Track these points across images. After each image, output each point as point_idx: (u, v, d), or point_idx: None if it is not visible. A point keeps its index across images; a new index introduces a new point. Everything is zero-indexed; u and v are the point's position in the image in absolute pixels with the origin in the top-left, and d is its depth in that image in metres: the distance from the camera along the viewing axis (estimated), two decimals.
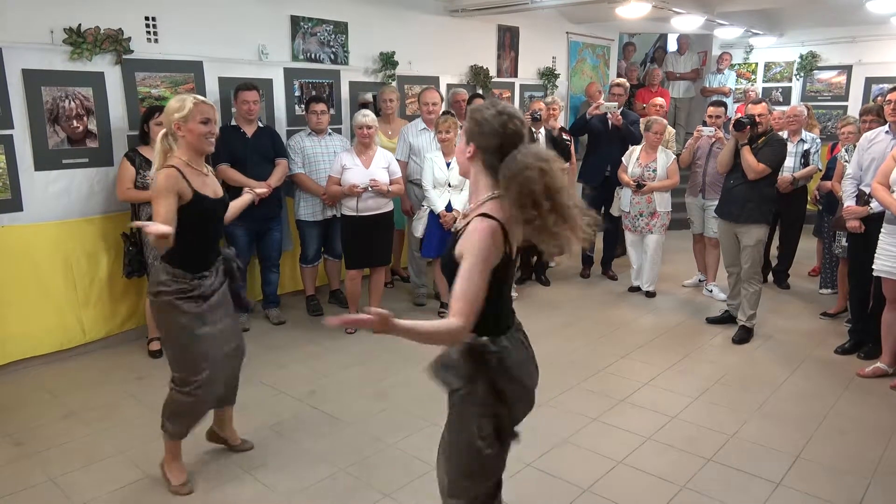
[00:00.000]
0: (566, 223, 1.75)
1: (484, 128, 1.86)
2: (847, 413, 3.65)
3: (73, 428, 3.50)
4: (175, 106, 2.70)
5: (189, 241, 2.70)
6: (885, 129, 4.20)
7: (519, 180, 1.73)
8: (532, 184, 1.71)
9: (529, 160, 1.74)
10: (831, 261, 5.58)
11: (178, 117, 2.68)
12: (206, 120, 2.71)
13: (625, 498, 2.87)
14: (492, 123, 1.84)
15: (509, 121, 1.85)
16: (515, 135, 1.85)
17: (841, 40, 8.73)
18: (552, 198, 1.72)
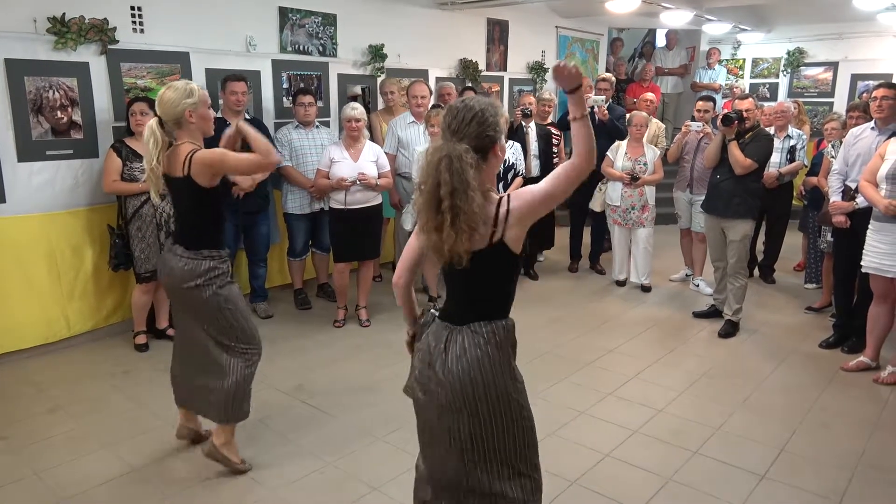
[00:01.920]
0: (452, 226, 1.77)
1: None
2: (831, 406, 3.70)
3: (59, 422, 3.47)
4: (181, 93, 2.71)
5: (216, 221, 2.87)
6: (871, 125, 4.24)
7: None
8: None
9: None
10: (816, 256, 5.63)
11: (191, 103, 2.73)
12: (210, 105, 2.84)
13: (612, 490, 2.89)
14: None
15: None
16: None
17: (827, 37, 8.80)
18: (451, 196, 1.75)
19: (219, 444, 2.94)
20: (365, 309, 4.96)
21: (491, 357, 1.89)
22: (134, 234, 4.27)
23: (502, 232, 1.84)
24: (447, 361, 1.90)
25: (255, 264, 5.10)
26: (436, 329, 1.97)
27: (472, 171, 1.77)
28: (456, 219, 1.76)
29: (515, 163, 5.34)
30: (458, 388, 1.89)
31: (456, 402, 1.90)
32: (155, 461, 3.10)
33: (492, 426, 1.92)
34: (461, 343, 1.90)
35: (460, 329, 1.91)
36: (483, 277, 1.92)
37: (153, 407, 3.60)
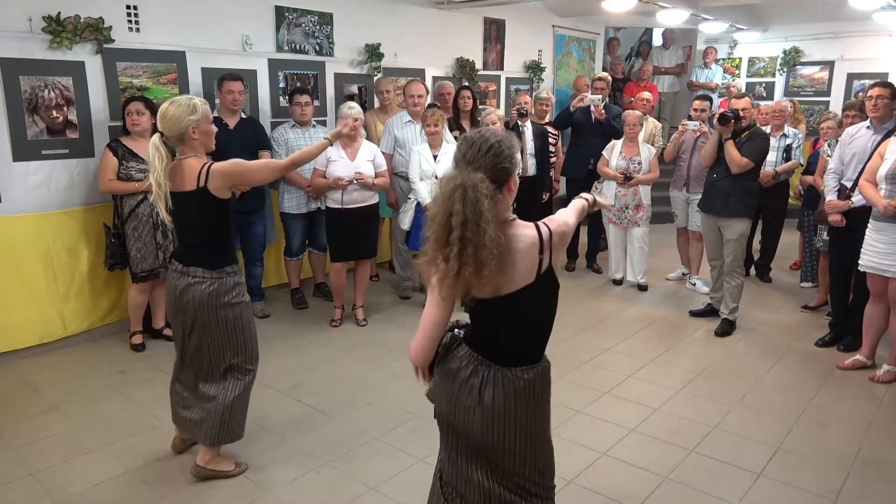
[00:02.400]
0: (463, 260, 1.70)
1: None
2: (827, 405, 3.70)
3: (55, 422, 3.46)
4: (185, 110, 2.70)
5: (230, 233, 2.88)
6: (867, 124, 4.25)
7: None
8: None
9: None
10: (812, 255, 5.64)
11: (194, 120, 2.71)
12: (212, 120, 2.83)
13: (608, 489, 2.89)
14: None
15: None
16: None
17: (824, 36, 8.81)
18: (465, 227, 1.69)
19: (204, 462, 2.93)
20: (362, 308, 4.95)
21: (532, 407, 1.92)
22: (130, 233, 4.26)
23: (549, 257, 1.82)
24: (482, 404, 1.86)
25: (252, 264, 5.09)
26: (467, 357, 1.91)
27: (487, 202, 1.69)
28: (463, 251, 1.68)
29: None
30: (490, 436, 1.87)
31: (486, 444, 1.89)
32: (152, 461, 3.10)
33: (522, 462, 1.94)
34: (501, 387, 1.87)
35: (496, 370, 1.87)
36: (531, 314, 1.89)
37: (150, 407, 3.59)
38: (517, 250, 1.79)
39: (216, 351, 2.87)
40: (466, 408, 1.88)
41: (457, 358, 1.92)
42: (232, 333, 2.86)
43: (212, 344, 2.86)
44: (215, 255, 2.82)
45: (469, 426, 1.89)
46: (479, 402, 1.86)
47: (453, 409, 1.91)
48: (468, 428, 1.89)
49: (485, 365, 1.88)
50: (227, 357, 2.89)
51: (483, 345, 1.91)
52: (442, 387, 1.93)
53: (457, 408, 1.90)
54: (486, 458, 1.92)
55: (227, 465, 2.98)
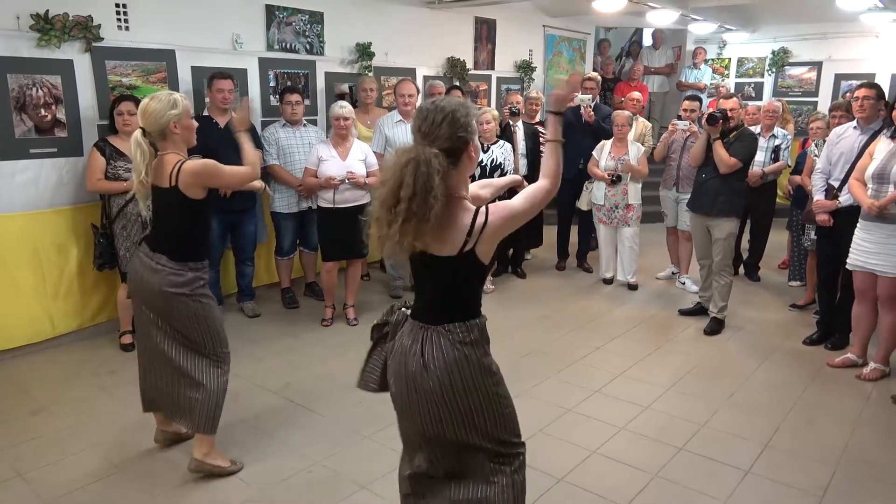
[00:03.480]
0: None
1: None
2: (814, 402, 3.74)
3: (44, 422, 3.44)
4: (166, 105, 2.70)
5: (203, 233, 2.89)
6: (853, 124, 4.29)
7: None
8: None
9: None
10: (800, 254, 5.69)
11: (175, 115, 2.72)
12: (192, 115, 2.84)
13: (598, 487, 2.91)
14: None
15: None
16: None
17: (812, 37, 8.88)
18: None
19: (201, 456, 2.92)
20: (353, 308, 4.95)
21: (468, 357, 1.90)
22: (119, 232, 4.24)
23: (475, 243, 1.84)
24: (425, 362, 1.90)
25: (243, 263, 5.08)
26: (409, 329, 1.97)
27: (437, 178, 1.74)
28: (407, 222, 1.75)
29: (503, 163, 5.35)
30: (437, 389, 1.89)
31: (436, 404, 1.91)
32: (142, 461, 3.09)
33: (474, 421, 1.94)
34: (437, 343, 1.90)
35: (435, 329, 1.91)
36: (451, 283, 1.93)
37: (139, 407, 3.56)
38: (454, 225, 1.84)
39: (186, 338, 2.88)
40: (415, 374, 1.91)
41: (404, 334, 1.98)
42: (193, 321, 2.84)
43: (165, 332, 2.87)
44: (182, 249, 2.82)
45: (422, 393, 1.91)
46: (424, 364, 1.89)
47: (405, 384, 1.95)
48: (422, 397, 1.92)
49: (423, 328, 1.93)
50: (197, 345, 2.89)
51: (418, 308, 1.99)
52: (392, 367, 2.00)
53: (408, 381, 1.93)
54: (445, 442, 1.96)
55: (224, 461, 2.98)
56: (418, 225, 1.76)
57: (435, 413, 1.93)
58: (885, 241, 3.75)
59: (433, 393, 1.90)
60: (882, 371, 4.00)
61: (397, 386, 1.99)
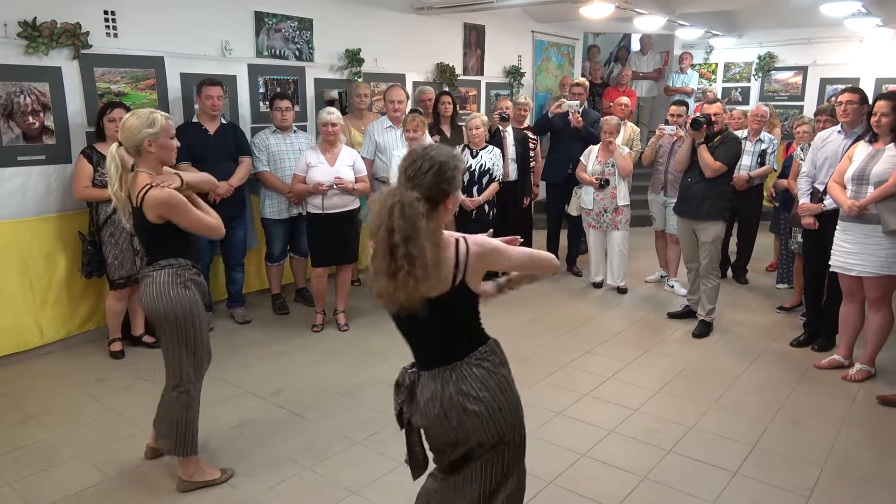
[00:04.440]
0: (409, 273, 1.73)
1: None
2: (801, 403, 3.78)
3: (32, 431, 3.42)
4: (143, 122, 2.69)
5: (185, 240, 2.84)
6: (838, 128, 4.34)
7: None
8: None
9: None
10: (787, 256, 5.74)
11: (150, 133, 2.70)
12: (173, 136, 2.80)
13: (588, 490, 2.93)
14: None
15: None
16: None
17: (797, 42, 8.99)
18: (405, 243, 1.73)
19: (188, 476, 2.90)
20: (343, 313, 4.95)
21: (507, 377, 1.95)
22: (107, 240, 4.23)
23: (463, 274, 1.83)
24: (465, 397, 1.87)
25: (233, 269, 5.07)
26: (429, 379, 1.92)
27: (422, 220, 1.72)
28: (413, 267, 1.72)
29: (492, 168, 5.38)
30: (485, 415, 1.88)
31: (491, 435, 1.90)
32: (131, 470, 3.07)
33: (507, 439, 1.95)
34: (472, 374, 1.88)
35: (464, 363, 1.89)
36: (452, 320, 1.91)
37: (129, 415, 3.57)
38: (439, 263, 1.80)
39: (168, 352, 2.85)
40: (459, 413, 1.88)
41: (424, 386, 1.94)
42: (183, 323, 2.78)
43: (164, 345, 2.86)
44: (159, 257, 2.80)
45: (469, 430, 1.89)
46: (464, 399, 1.87)
47: (447, 430, 1.91)
48: (465, 431, 1.90)
49: (447, 370, 1.91)
50: (179, 359, 2.83)
51: (426, 358, 1.97)
52: (428, 420, 1.94)
53: (450, 424, 1.90)
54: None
55: (212, 473, 2.96)
56: (423, 267, 1.72)
57: (485, 453, 1.92)
58: (865, 241, 3.80)
59: (478, 419, 1.88)
60: (868, 372, 4.04)
61: (439, 430, 1.93)
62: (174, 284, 2.76)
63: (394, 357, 1.97)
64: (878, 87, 8.13)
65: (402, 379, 2.01)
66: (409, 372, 2.00)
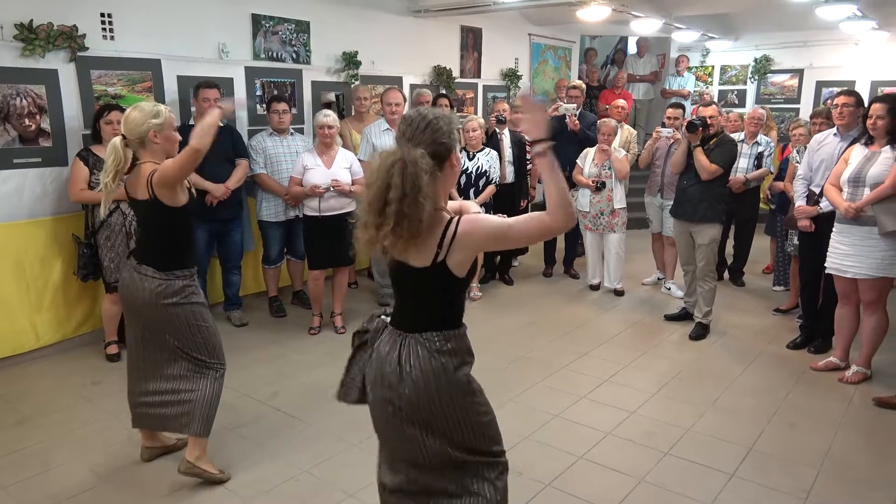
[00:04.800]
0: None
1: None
2: (798, 406, 3.78)
3: (27, 434, 3.41)
4: (148, 113, 2.72)
5: (183, 240, 2.87)
6: (834, 131, 4.36)
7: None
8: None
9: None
10: (784, 259, 5.75)
11: (156, 124, 2.73)
12: (176, 128, 2.83)
13: (585, 492, 2.93)
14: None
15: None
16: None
17: (793, 45, 9.02)
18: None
19: (193, 459, 2.92)
20: (340, 316, 4.95)
21: (444, 366, 1.89)
22: (102, 243, 4.21)
23: (445, 254, 1.82)
24: (401, 368, 1.88)
25: (229, 272, 5.07)
26: (388, 336, 1.96)
27: (426, 178, 1.74)
28: (399, 225, 1.74)
29: (489, 170, 5.38)
30: (413, 396, 1.87)
31: (413, 414, 1.90)
32: (127, 473, 3.07)
33: (450, 432, 1.92)
34: (415, 350, 1.89)
35: (413, 336, 1.91)
36: (427, 294, 1.92)
37: (125, 418, 3.53)
38: (430, 235, 1.82)
39: (180, 346, 2.88)
40: (391, 380, 1.90)
41: (383, 341, 1.97)
42: (186, 330, 2.86)
43: (159, 341, 2.88)
44: (167, 258, 2.83)
45: (396, 399, 1.89)
46: (400, 370, 1.88)
47: (381, 391, 1.93)
48: (397, 407, 1.90)
49: (401, 335, 1.93)
50: (191, 352, 2.90)
51: (397, 316, 1.99)
52: (369, 375, 1.99)
53: (384, 388, 1.92)
54: (421, 458, 1.94)
55: (213, 467, 2.98)
56: (410, 227, 1.75)
57: (410, 424, 1.91)
58: (861, 244, 3.81)
59: (408, 400, 1.88)
60: (864, 374, 4.05)
61: (374, 393, 1.98)
62: (194, 302, 2.87)
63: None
64: (874, 89, 8.16)
65: (373, 320, 2.06)
66: (381, 318, 2.04)
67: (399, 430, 1.94)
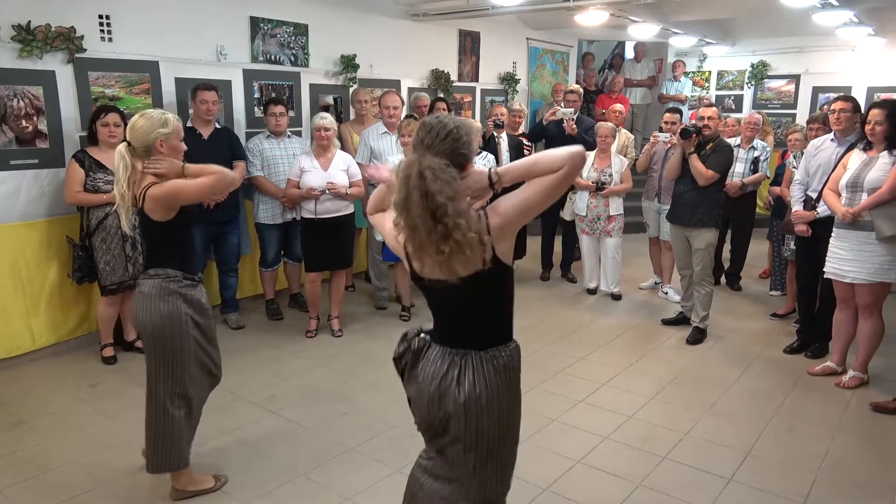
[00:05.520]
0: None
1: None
2: (795, 410, 3.78)
3: (23, 437, 3.39)
4: (156, 122, 2.69)
5: (185, 247, 2.82)
6: (831, 137, 4.37)
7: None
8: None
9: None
10: (780, 263, 5.77)
11: (163, 133, 2.70)
12: (182, 138, 2.80)
13: (583, 497, 2.92)
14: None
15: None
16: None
17: (790, 50, 9.06)
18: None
19: (181, 486, 2.87)
20: (337, 319, 4.94)
21: (511, 386, 1.89)
22: (98, 245, 4.20)
23: (492, 247, 1.77)
24: (467, 389, 1.84)
25: (226, 274, 5.05)
26: (439, 354, 1.89)
27: (458, 182, 1.68)
28: (460, 228, 1.65)
29: None
30: (473, 424, 1.85)
31: (472, 438, 1.87)
32: (124, 476, 3.05)
33: (497, 456, 1.92)
34: (480, 368, 1.85)
35: (476, 353, 1.86)
36: (484, 301, 1.86)
37: (121, 420, 3.54)
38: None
39: (152, 369, 2.78)
40: (453, 402, 1.85)
41: (430, 361, 1.91)
42: (168, 336, 2.73)
43: (150, 361, 2.79)
44: (155, 264, 2.77)
45: (458, 422, 1.86)
46: (461, 388, 1.84)
47: (437, 411, 1.88)
48: (457, 425, 1.86)
49: (459, 354, 1.87)
50: (152, 374, 2.78)
51: (445, 333, 1.92)
52: (420, 394, 1.92)
53: (442, 408, 1.87)
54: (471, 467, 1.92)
55: (206, 482, 2.93)
56: (468, 230, 1.66)
57: (467, 455, 1.89)
58: (859, 249, 3.82)
59: (471, 432, 1.85)
60: (861, 379, 4.06)
61: (431, 411, 1.91)
62: (157, 297, 2.70)
63: (388, 363, 1.95)
64: (870, 95, 8.20)
65: (412, 338, 1.96)
66: (421, 336, 1.96)
67: (458, 456, 1.91)
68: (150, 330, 2.71)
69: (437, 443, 1.96)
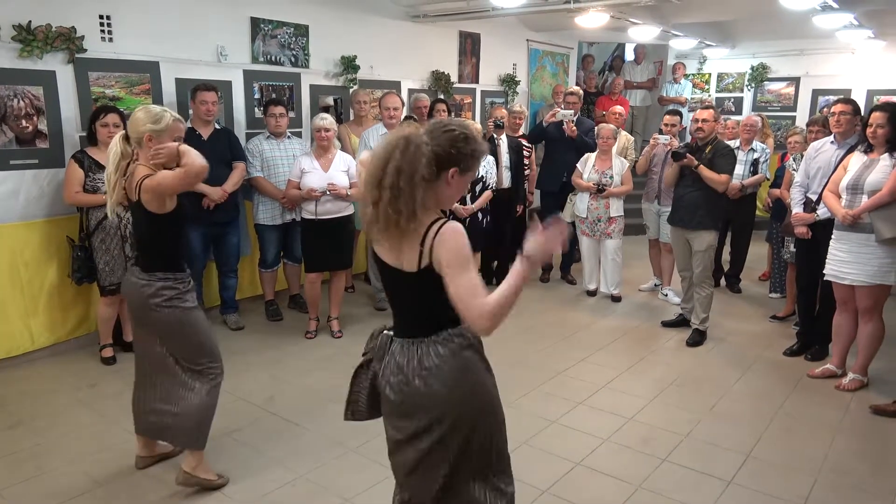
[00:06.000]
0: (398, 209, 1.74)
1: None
2: (795, 412, 3.78)
3: (21, 437, 3.38)
4: (149, 117, 2.70)
5: (173, 244, 2.85)
6: (831, 139, 4.37)
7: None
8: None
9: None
10: (780, 266, 5.77)
11: (153, 129, 2.70)
12: (178, 138, 2.78)
13: (582, 499, 2.92)
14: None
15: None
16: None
17: (790, 53, 9.07)
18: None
19: (190, 469, 2.89)
20: (337, 320, 4.93)
21: (469, 358, 1.88)
22: (97, 246, 4.19)
23: (429, 257, 1.78)
24: (427, 372, 1.84)
25: (226, 275, 5.05)
26: (401, 348, 1.91)
27: (424, 162, 1.74)
28: (396, 199, 1.73)
29: (485, 175, 5.38)
30: (445, 398, 1.85)
31: (445, 416, 1.86)
32: (122, 477, 3.05)
33: (470, 445, 1.90)
34: (437, 352, 1.85)
35: (430, 339, 1.87)
36: (420, 296, 1.87)
37: (120, 421, 3.53)
38: (415, 237, 1.79)
39: (171, 353, 2.87)
40: (417, 385, 1.86)
41: (395, 353, 1.93)
42: (175, 335, 2.84)
43: (154, 345, 2.87)
44: (151, 261, 2.83)
45: (426, 405, 1.86)
46: (426, 374, 1.85)
47: (404, 397, 1.89)
48: (424, 408, 1.87)
49: (414, 343, 1.89)
50: (182, 360, 2.88)
51: (402, 325, 1.96)
52: (390, 382, 1.93)
53: (409, 394, 1.88)
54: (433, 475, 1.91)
55: (211, 474, 2.95)
56: (406, 204, 1.72)
57: (433, 430, 1.87)
58: (859, 251, 3.82)
59: (435, 400, 1.85)
60: (860, 381, 4.05)
61: (395, 397, 1.91)
62: (180, 306, 2.82)
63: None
64: (870, 98, 8.21)
65: (378, 336, 2.02)
66: (385, 332, 2.01)
67: (418, 434, 1.90)
68: (178, 325, 2.82)
69: (403, 430, 1.95)
